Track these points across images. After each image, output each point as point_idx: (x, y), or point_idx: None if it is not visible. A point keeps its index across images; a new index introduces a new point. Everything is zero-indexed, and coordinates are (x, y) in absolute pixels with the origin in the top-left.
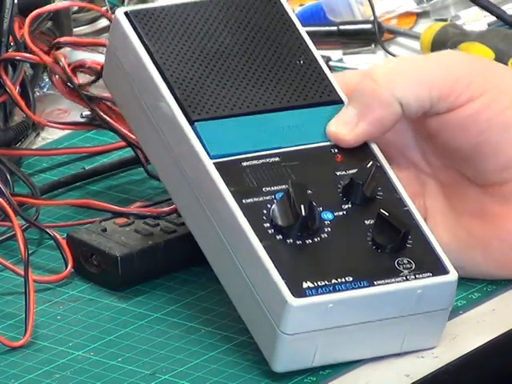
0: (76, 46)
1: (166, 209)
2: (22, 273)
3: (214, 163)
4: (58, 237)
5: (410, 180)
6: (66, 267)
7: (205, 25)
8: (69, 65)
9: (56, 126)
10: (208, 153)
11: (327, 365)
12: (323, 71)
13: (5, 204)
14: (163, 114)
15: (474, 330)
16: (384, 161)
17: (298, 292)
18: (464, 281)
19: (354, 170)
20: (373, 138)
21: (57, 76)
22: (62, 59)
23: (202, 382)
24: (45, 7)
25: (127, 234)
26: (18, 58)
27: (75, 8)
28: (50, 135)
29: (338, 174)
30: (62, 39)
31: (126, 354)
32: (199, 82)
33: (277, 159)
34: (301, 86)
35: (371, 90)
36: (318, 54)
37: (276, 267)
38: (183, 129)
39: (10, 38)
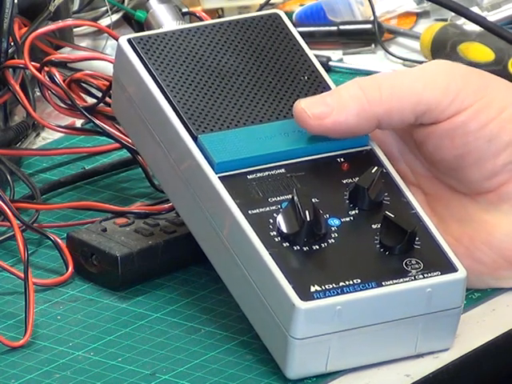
0: (68, 62)
1: (167, 205)
2: (22, 275)
3: (219, 177)
4: (59, 241)
5: None
6: (67, 269)
7: (208, 47)
8: (64, 80)
9: (66, 131)
10: (213, 164)
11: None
12: (328, 86)
13: (4, 207)
14: (168, 133)
15: (473, 330)
16: (390, 167)
17: (306, 295)
18: None
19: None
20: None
21: (49, 92)
22: (56, 74)
23: (202, 382)
24: (47, 27)
25: (127, 234)
26: (21, 65)
27: (76, 7)
28: (51, 135)
29: (345, 181)
30: (52, 57)
31: (126, 354)
32: (203, 101)
33: (282, 171)
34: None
35: (356, 97)
36: (323, 70)
37: (283, 273)
38: (188, 146)
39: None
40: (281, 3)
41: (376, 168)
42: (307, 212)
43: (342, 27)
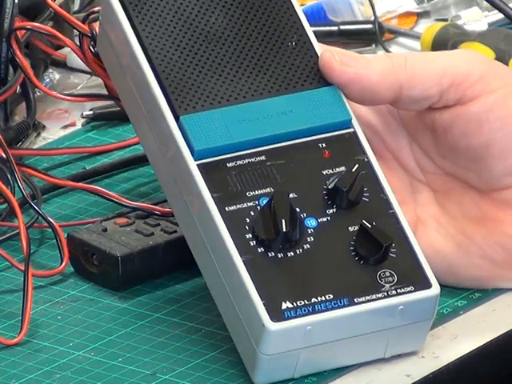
0: None
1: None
2: (22, 268)
3: (197, 165)
4: (58, 228)
5: (402, 187)
6: (62, 261)
7: (197, 3)
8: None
9: (69, 98)
10: (193, 151)
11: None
12: (316, 53)
13: (12, 199)
14: (151, 105)
15: (474, 330)
16: (372, 157)
17: (277, 314)
18: None
19: (341, 169)
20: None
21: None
22: (96, 28)
23: (203, 382)
24: None
25: (128, 234)
26: (28, 27)
27: (76, 7)
28: (51, 135)
29: (325, 172)
30: (96, 8)
31: (127, 354)
32: (188, 71)
33: (263, 158)
34: (291, 72)
35: (382, 60)
36: (312, 33)
37: (255, 286)
38: (169, 125)
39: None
40: None
41: (357, 166)
42: (283, 221)
43: (342, 27)
